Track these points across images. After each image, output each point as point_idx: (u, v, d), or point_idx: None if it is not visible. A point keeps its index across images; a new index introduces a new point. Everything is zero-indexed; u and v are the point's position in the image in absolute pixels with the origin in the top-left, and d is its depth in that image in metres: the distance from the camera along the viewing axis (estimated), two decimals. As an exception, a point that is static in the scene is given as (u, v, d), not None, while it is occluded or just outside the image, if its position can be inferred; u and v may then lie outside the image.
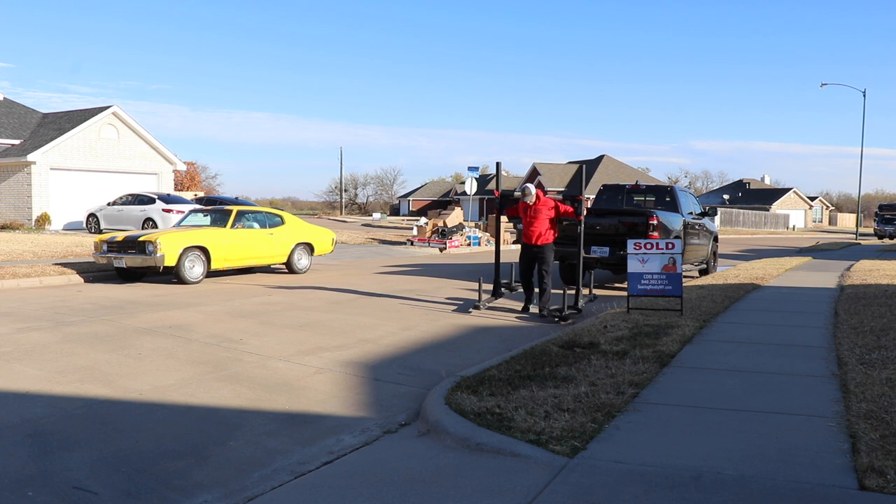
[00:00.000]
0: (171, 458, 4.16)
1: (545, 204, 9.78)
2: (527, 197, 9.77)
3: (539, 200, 9.77)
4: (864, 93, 43.86)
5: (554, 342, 6.97)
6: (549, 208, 9.76)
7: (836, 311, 9.29)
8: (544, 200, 9.82)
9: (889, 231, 46.75)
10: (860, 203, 50.78)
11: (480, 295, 10.24)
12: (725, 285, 12.21)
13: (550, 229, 9.78)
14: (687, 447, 4.03)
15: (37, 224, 27.05)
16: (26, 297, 10.63)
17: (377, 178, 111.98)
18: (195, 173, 72.12)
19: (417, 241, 25.08)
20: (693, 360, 6.27)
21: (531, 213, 9.75)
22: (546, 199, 9.86)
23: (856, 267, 17.13)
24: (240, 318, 8.99)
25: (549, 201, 9.85)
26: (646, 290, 9.05)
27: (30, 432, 4.54)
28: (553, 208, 9.77)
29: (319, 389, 5.75)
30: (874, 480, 3.46)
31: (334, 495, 3.57)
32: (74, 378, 5.88)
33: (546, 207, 9.74)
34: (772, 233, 56.76)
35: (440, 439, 4.37)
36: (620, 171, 63.55)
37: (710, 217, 15.88)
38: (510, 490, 3.51)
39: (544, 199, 9.83)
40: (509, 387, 5.21)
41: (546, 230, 9.73)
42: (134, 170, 30.67)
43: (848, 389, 5.13)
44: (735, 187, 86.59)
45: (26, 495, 3.61)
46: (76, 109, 31.30)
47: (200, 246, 12.84)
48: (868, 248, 31.18)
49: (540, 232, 9.70)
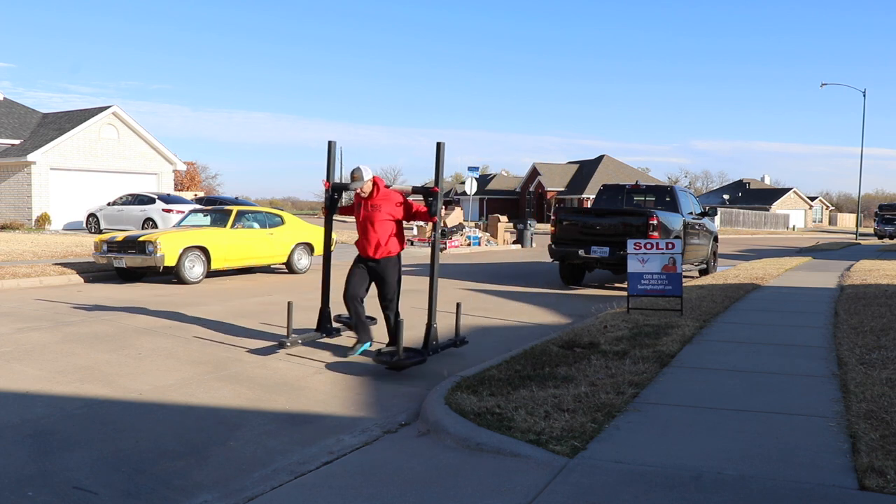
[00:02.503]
0: (171, 458, 4.16)
1: (388, 198, 6.83)
2: (355, 184, 6.74)
3: (378, 192, 6.81)
4: (864, 93, 43.88)
5: (554, 342, 6.97)
6: (396, 205, 6.83)
7: (836, 311, 9.29)
8: (386, 193, 6.85)
9: (889, 231, 46.75)
10: (860, 203, 50.78)
11: (290, 328, 6.94)
12: (725, 285, 12.22)
13: (396, 235, 6.89)
14: (687, 447, 4.04)
15: (37, 224, 27.05)
16: (26, 297, 10.63)
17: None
18: (195, 173, 72.16)
19: (417, 241, 25.08)
20: (693, 360, 6.27)
21: (367, 209, 6.82)
22: (390, 191, 6.94)
23: (856, 267, 17.13)
24: (240, 317, 8.99)
25: (395, 195, 6.91)
26: (646, 290, 9.05)
27: (30, 432, 4.54)
28: (401, 204, 6.87)
29: (319, 389, 5.75)
30: (874, 480, 3.46)
31: (334, 495, 3.58)
32: (74, 378, 5.88)
33: (389, 203, 6.81)
34: (772, 233, 56.76)
35: (440, 439, 4.37)
36: (620, 171, 63.53)
37: (710, 217, 15.89)
38: (510, 490, 3.51)
39: (386, 192, 6.87)
40: (509, 387, 5.21)
41: (389, 236, 6.82)
42: (134, 170, 30.68)
43: (848, 389, 5.13)
44: (735, 187, 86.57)
45: (26, 495, 3.61)
46: (76, 109, 31.33)
47: (200, 246, 12.84)
48: (868, 248, 31.17)
49: (379, 239, 6.76)
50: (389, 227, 6.80)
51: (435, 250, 6.84)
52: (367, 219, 6.79)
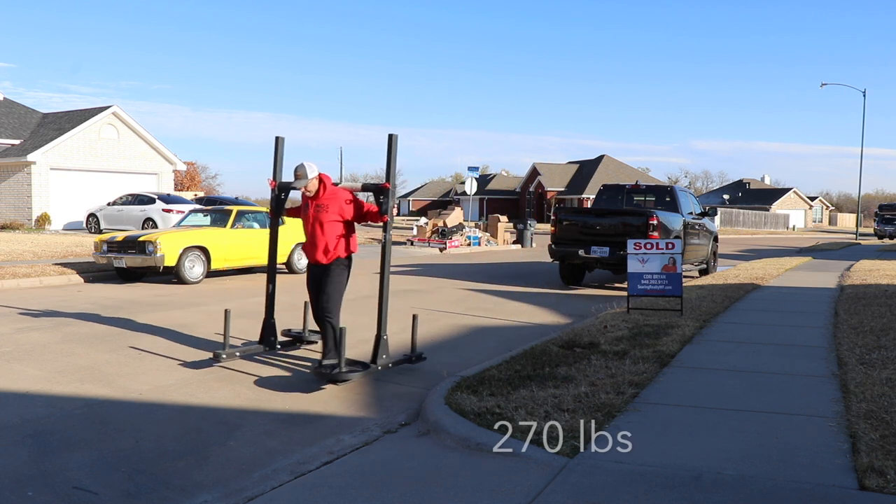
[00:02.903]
0: (171, 458, 4.16)
1: (335, 197, 6.28)
2: (299, 182, 6.24)
3: (325, 191, 6.28)
4: (864, 93, 43.87)
5: (554, 342, 6.97)
6: (345, 202, 6.28)
7: (836, 311, 9.29)
8: (333, 191, 6.31)
9: (889, 231, 46.75)
10: (860, 203, 50.78)
11: (227, 339, 6.42)
12: (725, 285, 12.22)
13: (346, 237, 6.33)
14: (687, 447, 4.04)
15: (37, 224, 27.05)
16: (26, 297, 10.63)
17: (377, 178, 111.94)
18: (195, 173, 72.15)
19: (417, 241, 25.08)
20: (693, 360, 6.27)
21: (314, 210, 6.30)
22: (338, 189, 6.36)
23: (856, 267, 17.13)
24: (240, 318, 8.98)
25: (344, 193, 6.35)
26: (646, 290, 9.05)
27: (30, 432, 4.54)
28: (351, 202, 6.31)
29: (319, 389, 5.75)
30: (874, 480, 3.46)
31: (334, 495, 3.58)
32: (74, 378, 5.88)
33: (337, 202, 6.27)
34: (772, 233, 56.77)
35: (440, 439, 4.37)
36: (620, 171, 63.55)
37: (710, 217, 15.89)
38: (510, 490, 3.51)
39: (333, 190, 6.32)
40: (509, 387, 5.21)
41: (339, 239, 6.27)
42: (134, 170, 30.68)
43: (848, 389, 5.13)
44: (735, 187, 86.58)
45: (26, 495, 3.61)
46: (76, 109, 31.34)
47: (200, 246, 12.85)
48: (868, 248, 31.18)
49: (328, 243, 6.24)
50: (339, 228, 6.27)
51: (385, 254, 6.21)
52: (314, 220, 6.27)
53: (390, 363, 6.20)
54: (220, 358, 6.39)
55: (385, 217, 6.20)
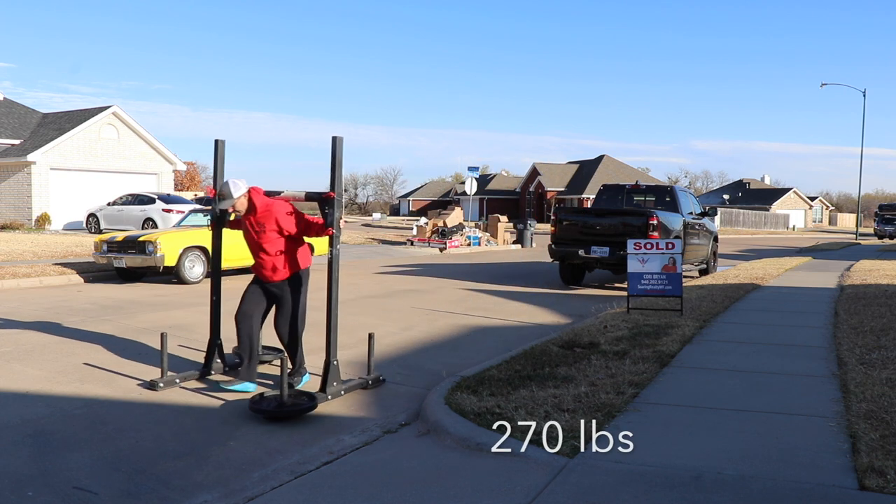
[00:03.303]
0: (170, 458, 4.16)
1: (270, 211, 5.62)
2: (224, 203, 5.63)
3: (256, 210, 5.62)
4: (864, 93, 43.87)
5: (554, 342, 6.97)
6: (286, 214, 5.65)
7: (836, 311, 9.29)
8: (267, 206, 5.63)
9: (889, 231, 46.74)
10: (860, 203, 50.78)
11: (164, 365, 5.67)
12: (725, 285, 12.22)
13: (294, 252, 5.78)
14: (687, 447, 4.04)
15: (37, 224, 27.06)
16: (26, 297, 10.63)
17: (377, 178, 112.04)
18: (195, 173, 72.22)
19: (417, 241, 25.09)
20: (693, 360, 6.27)
21: (252, 228, 5.72)
22: (273, 203, 5.67)
23: (856, 267, 17.13)
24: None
25: (281, 206, 5.68)
26: (646, 290, 9.06)
27: (30, 432, 4.54)
28: (291, 214, 5.67)
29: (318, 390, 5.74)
30: (874, 480, 3.46)
31: (334, 495, 3.58)
32: (74, 378, 5.88)
33: (273, 217, 5.62)
34: (772, 233, 56.76)
35: (440, 439, 4.37)
36: (620, 171, 63.55)
37: (710, 217, 15.89)
38: (510, 490, 3.51)
39: (267, 205, 5.63)
40: (509, 387, 5.21)
41: (286, 256, 5.73)
42: (134, 170, 30.68)
43: (848, 389, 5.13)
44: (735, 187, 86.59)
45: (26, 495, 3.61)
46: (76, 109, 31.35)
47: (200, 246, 12.84)
48: (868, 248, 31.18)
49: (274, 262, 5.71)
50: (281, 244, 5.66)
51: (333, 270, 5.48)
52: (254, 240, 5.72)
53: (342, 390, 5.52)
54: (156, 386, 5.59)
55: (330, 230, 5.45)
